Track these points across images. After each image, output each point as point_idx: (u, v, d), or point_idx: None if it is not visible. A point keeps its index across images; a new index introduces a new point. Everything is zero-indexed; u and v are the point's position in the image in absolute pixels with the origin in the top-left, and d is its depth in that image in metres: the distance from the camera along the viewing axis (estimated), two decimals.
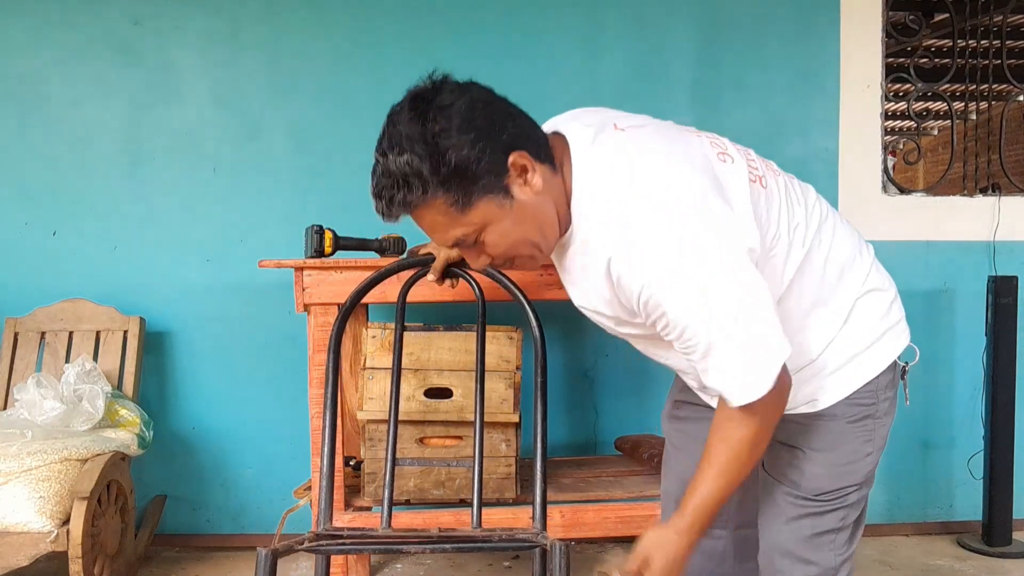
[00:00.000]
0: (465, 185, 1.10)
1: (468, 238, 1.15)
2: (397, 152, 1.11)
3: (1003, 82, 3.10)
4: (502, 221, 1.14)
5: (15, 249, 2.76)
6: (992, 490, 2.73)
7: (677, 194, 1.08)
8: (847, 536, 1.31)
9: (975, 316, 2.83)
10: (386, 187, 1.14)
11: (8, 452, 2.16)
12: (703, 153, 1.17)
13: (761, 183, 1.20)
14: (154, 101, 2.77)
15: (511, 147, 1.12)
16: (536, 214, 1.15)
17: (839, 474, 1.28)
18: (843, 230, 1.31)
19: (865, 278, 1.28)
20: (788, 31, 2.87)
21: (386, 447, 1.67)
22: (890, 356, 1.29)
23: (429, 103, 1.12)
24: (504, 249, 1.17)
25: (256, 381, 2.80)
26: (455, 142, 1.09)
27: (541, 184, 1.13)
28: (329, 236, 2.14)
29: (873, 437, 1.29)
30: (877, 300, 1.28)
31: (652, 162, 1.12)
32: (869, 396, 1.27)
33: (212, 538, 2.81)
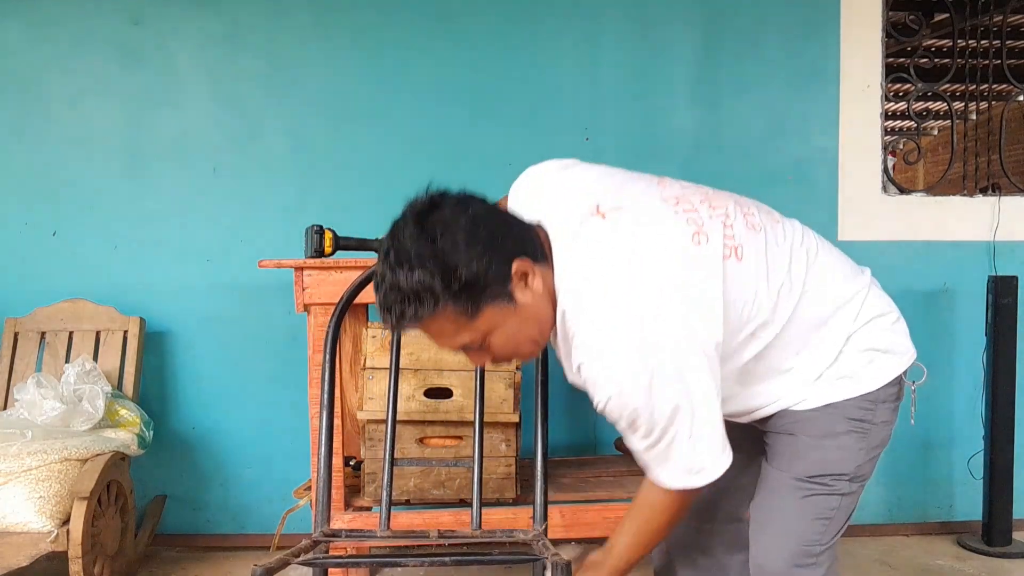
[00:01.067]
0: (474, 296, 1.16)
1: (474, 343, 1.21)
2: (408, 269, 1.14)
3: (1003, 82, 3.10)
4: (507, 324, 1.20)
5: (15, 249, 2.76)
6: (992, 490, 2.73)
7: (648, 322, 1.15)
8: (836, 528, 1.34)
9: (975, 316, 2.83)
10: (396, 301, 1.15)
11: (8, 452, 2.16)
12: (679, 245, 1.20)
13: (737, 255, 1.22)
14: (154, 101, 2.77)
15: (514, 255, 1.18)
16: (537, 313, 1.22)
17: (831, 460, 1.31)
18: (834, 268, 1.33)
19: (858, 312, 1.30)
20: (788, 31, 2.87)
21: (385, 447, 1.67)
22: (887, 375, 1.32)
23: (433, 218, 1.16)
24: (508, 350, 1.24)
25: (256, 381, 2.80)
26: (464, 258, 1.14)
27: (540, 286, 1.20)
28: (329, 236, 2.14)
29: (868, 434, 1.32)
30: (875, 327, 1.32)
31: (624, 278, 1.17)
32: (866, 406, 1.31)
33: (212, 538, 2.81)
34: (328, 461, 1.60)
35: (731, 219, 1.26)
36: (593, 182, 1.30)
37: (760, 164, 2.86)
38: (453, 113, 2.78)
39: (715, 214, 1.26)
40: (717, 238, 1.22)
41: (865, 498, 3.15)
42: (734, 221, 1.26)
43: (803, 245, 1.32)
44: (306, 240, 2.14)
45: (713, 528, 1.54)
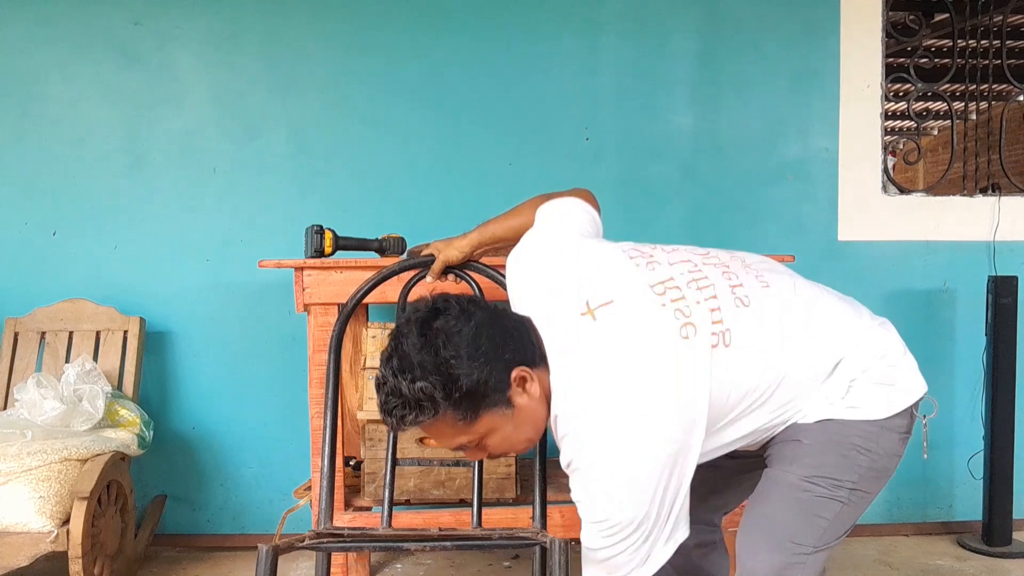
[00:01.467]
0: (474, 404, 1.21)
1: (471, 444, 1.27)
2: (410, 379, 1.19)
3: (1003, 82, 3.10)
4: (504, 428, 1.25)
5: (15, 249, 2.76)
6: (992, 490, 2.73)
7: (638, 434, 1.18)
8: (833, 534, 1.32)
9: (975, 316, 2.83)
10: (397, 407, 1.21)
11: (8, 452, 2.16)
12: (668, 340, 1.22)
13: (724, 341, 1.24)
14: (154, 101, 2.77)
15: (513, 364, 1.23)
16: (533, 415, 1.27)
17: (832, 464, 1.30)
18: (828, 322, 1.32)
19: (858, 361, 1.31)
20: (788, 31, 2.87)
21: (386, 447, 1.67)
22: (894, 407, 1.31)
23: (435, 328, 1.21)
24: (503, 450, 1.30)
25: (256, 381, 2.80)
26: (465, 369, 1.19)
27: (538, 392, 1.25)
28: (329, 236, 2.14)
29: (871, 456, 1.31)
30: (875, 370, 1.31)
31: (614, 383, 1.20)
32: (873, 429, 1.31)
33: (212, 538, 2.81)
34: (332, 459, 1.59)
35: (718, 299, 1.28)
36: (583, 268, 1.33)
37: (760, 164, 2.86)
38: (453, 113, 2.78)
39: (703, 297, 1.27)
40: (705, 328, 1.24)
41: None
42: (722, 302, 1.27)
43: (793, 305, 1.32)
44: (306, 240, 2.14)
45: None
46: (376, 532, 1.58)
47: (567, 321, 1.26)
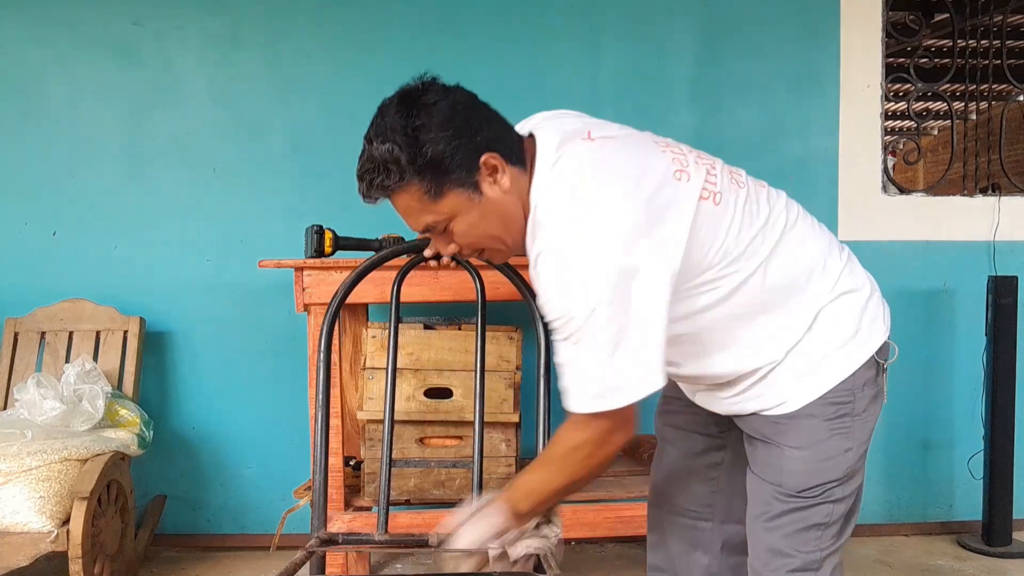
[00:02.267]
0: (438, 176, 1.20)
1: (438, 225, 1.25)
2: (381, 140, 1.22)
3: (1003, 82, 3.10)
4: (470, 213, 1.24)
5: (15, 249, 2.77)
6: (992, 490, 2.73)
7: (606, 224, 1.15)
8: (834, 532, 1.31)
9: (975, 316, 2.83)
10: (368, 171, 1.24)
11: (8, 452, 2.16)
12: (659, 174, 1.21)
13: (714, 200, 1.23)
14: (154, 101, 2.77)
15: (484, 148, 1.22)
16: (502, 211, 1.25)
17: (819, 470, 1.29)
18: (812, 238, 1.32)
19: (834, 284, 1.29)
20: (788, 31, 2.87)
21: (382, 450, 1.65)
22: (864, 355, 1.30)
23: (416, 100, 1.24)
24: (471, 240, 1.27)
25: (256, 381, 2.80)
26: (433, 136, 1.20)
27: (509, 184, 1.23)
28: (329, 236, 2.14)
29: (851, 434, 1.29)
30: (848, 303, 1.30)
31: (598, 184, 1.18)
32: (845, 394, 1.29)
33: (212, 538, 2.81)
34: (324, 465, 1.57)
35: (716, 171, 1.28)
36: (590, 119, 1.33)
37: (760, 164, 2.86)
38: None
39: (702, 163, 1.27)
40: (698, 180, 1.23)
41: (865, 498, 3.14)
42: (719, 173, 1.28)
43: (786, 211, 1.32)
44: (306, 240, 2.14)
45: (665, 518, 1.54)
46: (371, 538, 1.58)
47: (565, 138, 1.25)
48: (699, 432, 1.49)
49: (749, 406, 1.33)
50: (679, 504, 1.52)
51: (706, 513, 1.50)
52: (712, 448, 1.49)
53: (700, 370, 1.33)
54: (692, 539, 1.52)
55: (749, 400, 1.32)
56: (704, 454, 1.49)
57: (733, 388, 1.34)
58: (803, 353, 1.28)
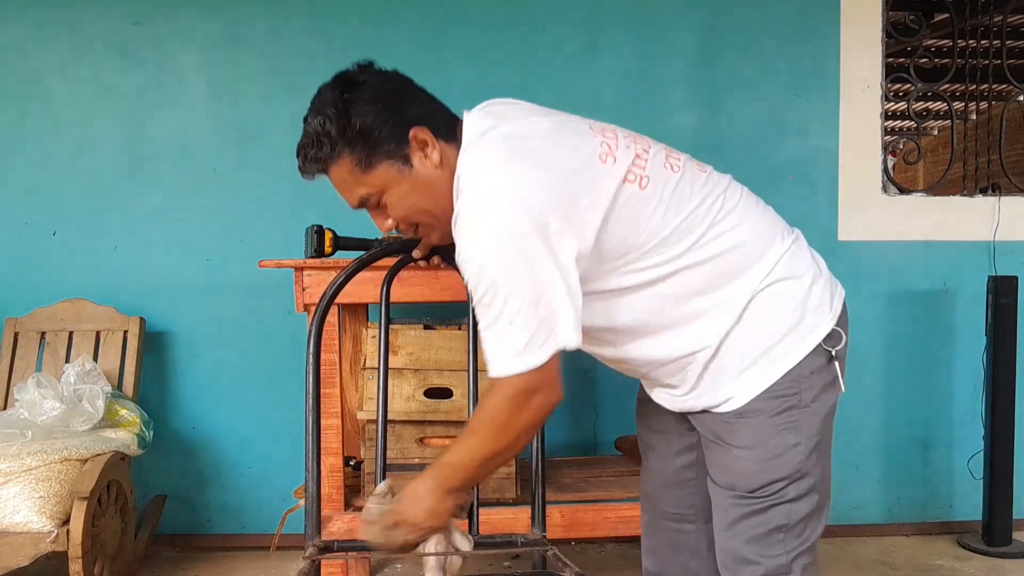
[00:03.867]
0: (367, 148, 1.25)
1: (371, 198, 1.30)
2: (314, 115, 1.28)
3: (1003, 82, 3.10)
4: (400, 186, 1.28)
5: (15, 249, 2.77)
6: (992, 490, 2.73)
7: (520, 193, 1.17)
8: (798, 532, 1.29)
9: (975, 316, 2.83)
10: (303, 145, 1.29)
11: (8, 452, 2.16)
12: (583, 154, 1.23)
13: (640, 184, 1.24)
14: (154, 101, 2.77)
15: (413, 122, 1.27)
16: (431, 186, 1.28)
17: (767, 468, 1.28)
18: (750, 223, 1.30)
19: (770, 270, 1.27)
20: (788, 31, 2.87)
21: (375, 452, 1.65)
22: (808, 344, 1.27)
23: (348, 79, 1.30)
24: (403, 212, 1.31)
25: (256, 381, 2.80)
26: (361, 109, 1.25)
27: (439, 159, 1.27)
28: (329, 236, 2.13)
29: (799, 428, 1.27)
30: (786, 290, 1.27)
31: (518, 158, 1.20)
32: (790, 386, 1.27)
33: (212, 538, 2.81)
34: (317, 473, 1.55)
35: (649, 155, 1.27)
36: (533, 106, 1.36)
37: (760, 164, 2.86)
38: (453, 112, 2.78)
39: (634, 147, 1.27)
40: (624, 163, 1.24)
41: (865, 498, 3.15)
42: (651, 158, 1.27)
43: (723, 196, 1.30)
44: (306, 240, 2.14)
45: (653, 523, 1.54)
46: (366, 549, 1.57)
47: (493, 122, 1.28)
48: (671, 432, 1.49)
49: (699, 403, 1.32)
50: (663, 508, 1.53)
51: (689, 515, 1.50)
52: (685, 448, 1.48)
53: (637, 352, 1.33)
54: (679, 542, 1.52)
55: (697, 397, 1.32)
56: (679, 455, 1.49)
57: (681, 386, 1.34)
58: (739, 342, 1.27)
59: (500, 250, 1.15)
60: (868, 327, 2.86)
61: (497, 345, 1.18)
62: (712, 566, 1.48)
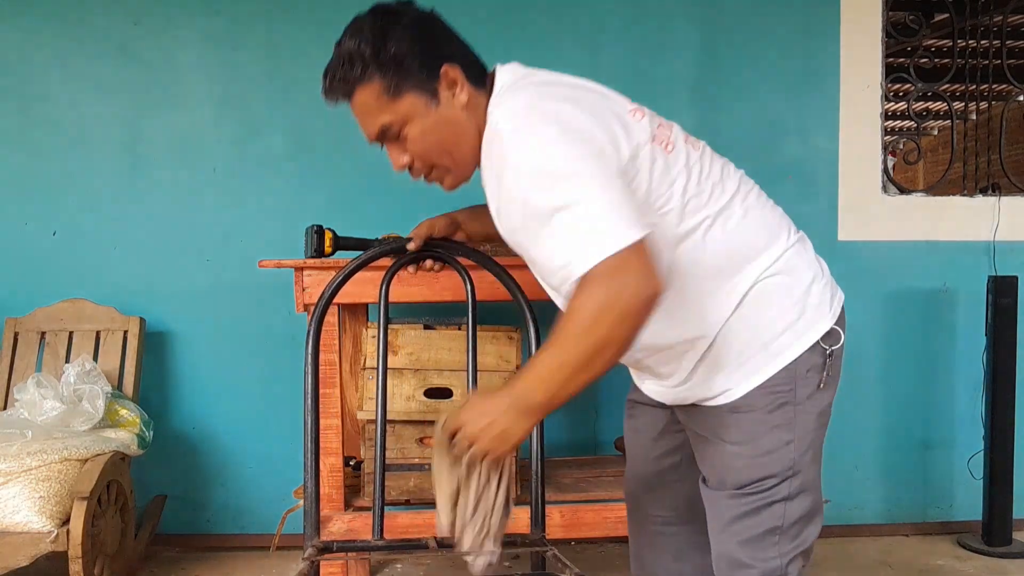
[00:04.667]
0: (398, 75, 1.23)
1: (392, 128, 1.26)
2: (349, 37, 1.26)
3: (1003, 82, 3.10)
4: (424, 120, 1.25)
5: (15, 249, 2.76)
6: (992, 490, 2.73)
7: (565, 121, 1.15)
8: (793, 534, 1.28)
9: (975, 316, 2.83)
10: (332, 67, 1.29)
11: (8, 452, 2.16)
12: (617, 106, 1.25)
13: (666, 148, 1.23)
14: (154, 101, 2.77)
15: (446, 59, 1.26)
16: (456, 126, 1.26)
17: (759, 464, 1.26)
18: (760, 213, 1.30)
19: (773, 262, 1.26)
20: (788, 31, 2.87)
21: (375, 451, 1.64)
22: (807, 341, 1.26)
23: (388, 8, 1.29)
24: (422, 148, 1.27)
25: (256, 381, 2.80)
26: (397, 35, 1.24)
27: (466, 100, 1.26)
28: (329, 236, 2.13)
29: (793, 424, 1.26)
30: (787, 284, 1.26)
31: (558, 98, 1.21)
32: (785, 382, 1.25)
33: (212, 538, 2.81)
34: (315, 472, 1.53)
35: (673, 129, 1.28)
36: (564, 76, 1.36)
37: (760, 164, 2.82)
38: None
39: (657, 118, 1.28)
40: (651, 126, 1.24)
41: (865, 498, 3.14)
42: (675, 131, 1.28)
43: (739, 181, 1.31)
44: (306, 240, 2.14)
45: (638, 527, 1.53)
46: (368, 544, 1.57)
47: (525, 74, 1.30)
48: (657, 433, 1.47)
49: (691, 395, 1.31)
50: (647, 510, 1.52)
51: (672, 517, 1.49)
52: (670, 450, 1.47)
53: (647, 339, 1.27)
54: (662, 544, 1.51)
55: (690, 389, 1.30)
56: (664, 456, 1.48)
57: (674, 376, 1.31)
58: (738, 333, 1.25)
59: (557, 146, 1.11)
60: (868, 327, 2.86)
61: (574, 241, 1.07)
62: (697, 568, 1.48)
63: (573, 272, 1.07)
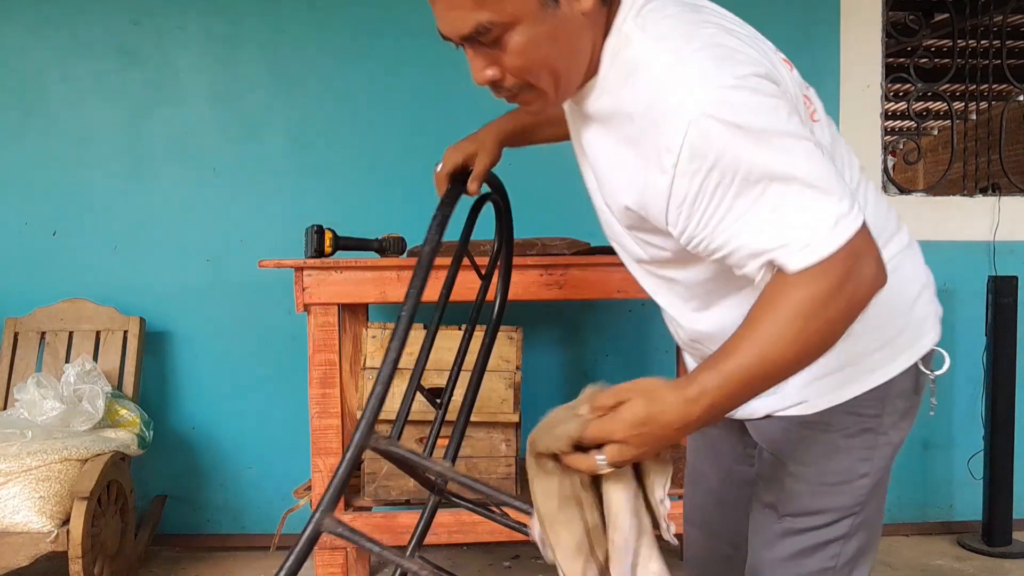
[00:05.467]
0: None
1: (491, 31, 0.96)
2: None
3: (1003, 82, 3.10)
4: (536, 26, 0.95)
5: (15, 249, 2.76)
6: (992, 490, 2.73)
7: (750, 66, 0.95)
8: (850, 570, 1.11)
9: (975, 316, 2.83)
10: None
11: (8, 452, 2.16)
12: (766, 47, 1.08)
13: (812, 116, 1.07)
14: (154, 101, 2.77)
15: None
16: (573, 38, 0.97)
17: (822, 493, 1.09)
18: (880, 203, 1.16)
19: (888, 259, 0.99)
20: (788, 31, 2.87)
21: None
22: (906, 360, 1.10)
23: None
24: (527, 61, 0.98)
25: (256, 381, 2.80)
26: None
27: (589, 7, 0.96)
28: (329, 236, 2.14)
29: (872, 456, 1.10)
30: (896, 289, 1.06)
31: (703, 31, 0.98)
32: (873, 405, 1.09)
33: (212, 538, 2.81)
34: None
35: (812, 94, 1.13)
36: None
37: None
38: (453, 113, 2.78)
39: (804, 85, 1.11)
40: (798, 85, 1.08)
41: None
42: (815, 98, 1.12)
43: (859, 168, 1.15)
44: (306, 240, 2.15)
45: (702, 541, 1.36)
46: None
47: None
48: (728, 461, 1.29)
49: (763, 406, 1.12)
50: (716, 530, 1.33)
51: (742, 541, 1.28)
52: (742, 482, 1.28)
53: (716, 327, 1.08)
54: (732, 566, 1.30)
55: (764, 397, 1.02)
56: (735, 475, 1.29)
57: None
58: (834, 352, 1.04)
59: (752, 95, 0.88)
60: None
61: (800, 215, 0.86)
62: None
63: (787, 263, 0.86)
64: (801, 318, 0.86)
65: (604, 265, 2.12)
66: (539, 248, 2.16)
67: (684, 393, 0.87)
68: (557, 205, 2.55)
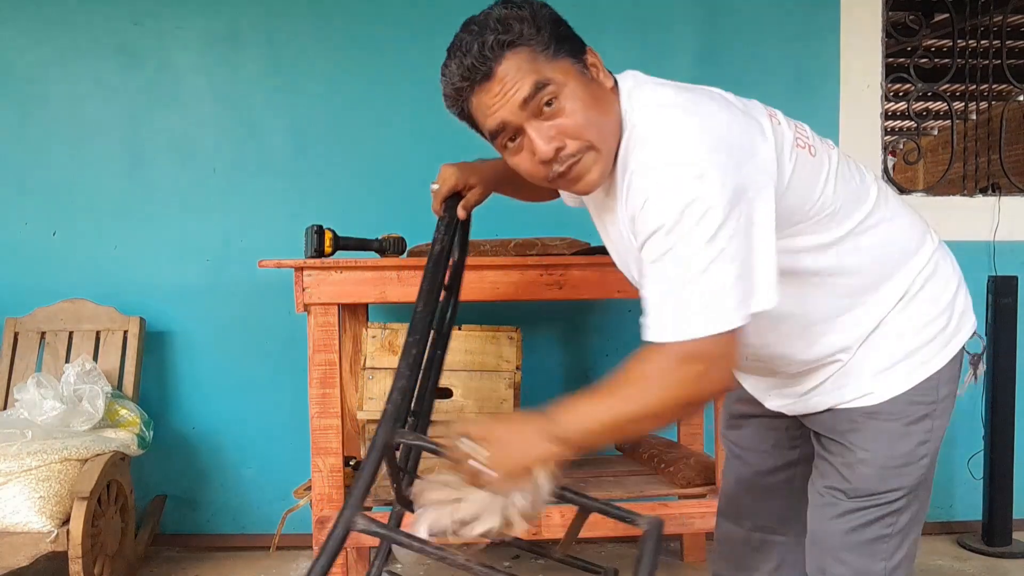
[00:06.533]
0: (555, 37, 1.11)
1: (547, 89, 1.10)
2: (501, 7, 1.12)
3: (1003, 82, 3.10)
4: (580, 89, 1.12)
5: (15, 249, 2.76)
6: (992, 490, 2.73)
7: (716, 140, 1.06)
8: (897, 543, 1.24)
9: (975, 316, 2.82)
10: (480, 32, 1.11)
11: (8, 452, 2.16)
12: (756, 111, 1.18)
13: (810, 151, 1.18)
14: (154, 101, 2.77)
15: (587, 47, 1.18)
16: (606, 105, 1.15)
17: (889, 475, 1.22)
18: (905, 215, 1.28)
19: (922, 268, 1.23)
20: (788, 31, 2.87)
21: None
22: (952, 349, 1.23)
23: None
24: (580, 121, 1.11)
25: (256, 381, 2.80)
26: (550, 12, 1.14)
27: (611, 86, 1.17)
28: (329, 236, 2.14)
29: (930, 439, 1.23)
30: (938, 290, 1.24)
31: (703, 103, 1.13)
32: (930, 393, 1.22)
33: (212, 538, 2.81)
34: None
35: (808, 130, 1.24)
36: None
37: None
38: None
39: (791, 122, 1.22)
40: (791, 129, 1.19)
41: None
42: (811, 133, 1.23)
43: (876, 182, 1.26)
44: (306, 240, 2.14)
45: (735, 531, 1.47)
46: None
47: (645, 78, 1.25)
48: (769, 449, 1.42)
49: (824, 401, 1.25)
50: (750, 518, 1.45)
51: (780, 528, 1.43)
52: (784, 465, 1.42)
53: (782, 347, 1.22)
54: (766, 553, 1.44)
55: (823, 395, 1.25)
56: (775, 472, 1.43)
57: (811, 380, 1.25)
58: (884, 340, 1.21)
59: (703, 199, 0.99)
60: None
61: (669, 305, 1.01)
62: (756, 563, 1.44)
63: (653, 331, 1.02)
64: (643, 382, 1.03)
65: (604, 265, 2.12)
66: (539, 248, 2.16)
67: (533, 422, 1.06)
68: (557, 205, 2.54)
